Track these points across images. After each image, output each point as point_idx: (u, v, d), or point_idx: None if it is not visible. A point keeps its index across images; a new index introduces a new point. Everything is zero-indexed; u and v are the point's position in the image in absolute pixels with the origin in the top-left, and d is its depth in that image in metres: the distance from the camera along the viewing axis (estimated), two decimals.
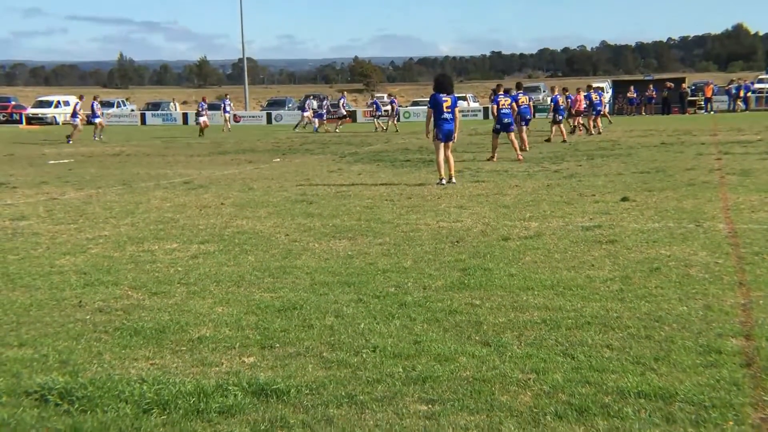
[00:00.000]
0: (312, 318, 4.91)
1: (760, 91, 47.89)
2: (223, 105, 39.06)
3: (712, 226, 7.79)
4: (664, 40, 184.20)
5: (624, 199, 9.97)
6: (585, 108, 27.48)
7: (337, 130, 35.68)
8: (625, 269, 6.07)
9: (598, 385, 3.63)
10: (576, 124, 27.48)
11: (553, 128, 23.98)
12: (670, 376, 3.70)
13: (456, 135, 12.99)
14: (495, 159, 17.38)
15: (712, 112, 43.82)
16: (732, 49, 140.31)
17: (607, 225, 8.12)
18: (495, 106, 18.21)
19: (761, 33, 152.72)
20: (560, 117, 24.44)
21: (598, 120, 28.15)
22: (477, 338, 4.44)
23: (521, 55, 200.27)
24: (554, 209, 9.43)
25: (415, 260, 6.66)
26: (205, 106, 36.05)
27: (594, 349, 4.16)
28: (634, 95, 46.04)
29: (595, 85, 45.38)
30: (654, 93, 45.67)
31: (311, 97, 44.03)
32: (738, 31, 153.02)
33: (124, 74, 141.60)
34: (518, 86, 21.37)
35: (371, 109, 36.49)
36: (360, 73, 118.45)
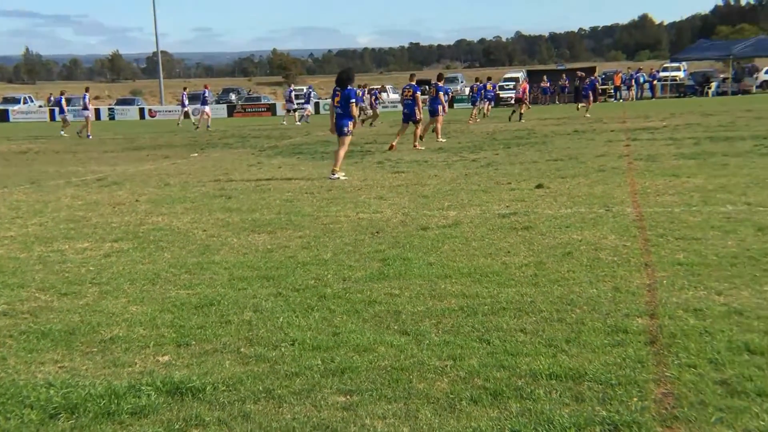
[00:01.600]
0: (230, 313, 4.84)
1: (665, 79, 49.94)
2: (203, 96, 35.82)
3: (621, 211, 8.06)
4: (576, 31, 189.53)
5: (539, 186, 10.20)
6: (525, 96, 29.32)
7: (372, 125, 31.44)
8: (540, 254, 6.22)
9: (512, 368, 3.71)
10: (521, 111, 28.98)
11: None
12: (580, 357, 3.82)
13: (345, 128, 12.56)
14: (394, 148, 17.68)
15: (621, 100, 45.40)
16: (639, 38, 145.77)
17: (522, 212, 8.30)
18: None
19: (665, 23, 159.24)
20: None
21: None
22: (396, 327, 4.47)
23: (439, 46, 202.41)
24: (472, 198, 9.58)
25: (335, 252, 6.66)
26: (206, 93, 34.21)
27: (509, 334, 4.25)
28: (548, 84, 47.25)
29: (509, 75, 46.34)
30: (567, 82, 46.99)
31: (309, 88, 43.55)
32: (644, 21, 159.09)
33: (30, 69, 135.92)
34: (438, 77, 21.45)
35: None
36: (279, 66, 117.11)
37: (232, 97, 61.14)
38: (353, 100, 12.55)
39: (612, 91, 48.28)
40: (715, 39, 70.99)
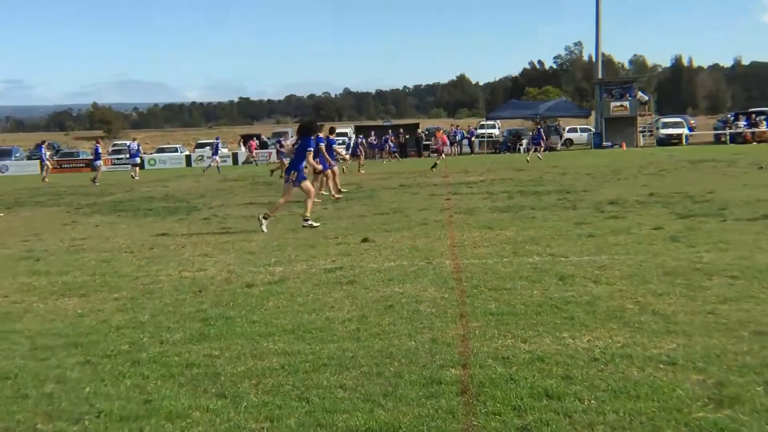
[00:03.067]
0: (28, 387, 4.47)
1: (482, 135, 53.26)
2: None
3: (441, 263, 8.39)
4: (401, 88, 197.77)
5: (364, 240, 10.38)
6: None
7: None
8: (362, 308, 6.31)
9: (330, 426, 3.71)
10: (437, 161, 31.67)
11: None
12: (396, 411, 3.89)
13: (288, 176, 12.61)
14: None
15: (443, 156, 47.73)
16: (458, 97, 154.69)
17: (348, 266, 8.41)
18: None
19: (481, 83, 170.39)
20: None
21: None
22: (213, 391, 4.34)
23: (269, 101, 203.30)
24: (299, 253, 9.58)
25: (153, 314, 6.39)
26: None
27: (328, 391, 4.26)
28: (375, 140, 48.75)
29: (339, 130, 47.36)
30: (392, 138, 48.71)
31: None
32: (461, 81, 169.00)
33: None
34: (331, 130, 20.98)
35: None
36: (100, 120, 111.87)
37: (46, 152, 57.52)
38: (309, 149, 12.53)
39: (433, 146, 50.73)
40: (525, 99, 76.89)
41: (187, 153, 56.52)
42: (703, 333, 5.07)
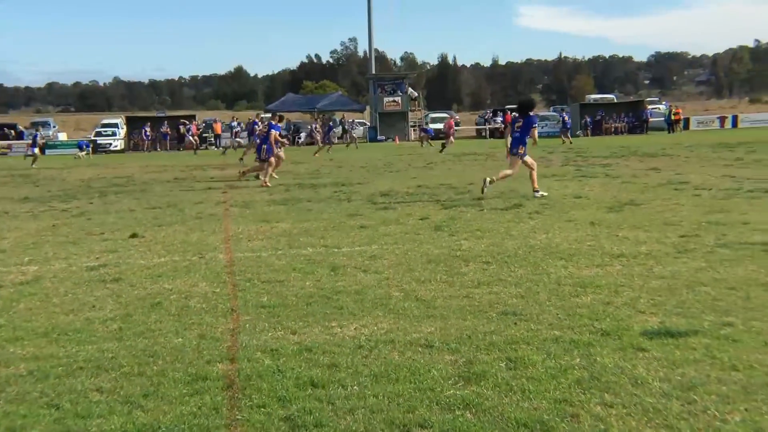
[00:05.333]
0: None
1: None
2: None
3: (214, 257, 8.21)
4: (176, 79, 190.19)
5: (133, 236, 9.89)
6: None
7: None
8: (127, 307, 6.01)
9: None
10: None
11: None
12: (157, 410, 3.74)
13: (516, 150, 13.23)
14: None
15: (221, 148, 46.93)
16: (236, 89, 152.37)
17: (113, 263, 7.96)
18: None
19: (260, 75, 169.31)
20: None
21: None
22: None
23: (27, 88, 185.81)
24: (58, 250, 8.91)
25: None
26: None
27: (82, 395, 4.00)
28: (149, 131, 46.75)
29: (106, 121, 44.90)
30: (168, 129, 46.98)
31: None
32: (239, 72, 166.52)
33: None
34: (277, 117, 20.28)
35: None
36: None
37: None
38: (535, 125, 13.35)
39: (213, 139, 49.61)
40: (302, 93, 77.63)
41: None
42: (459, 316, 5.45)
